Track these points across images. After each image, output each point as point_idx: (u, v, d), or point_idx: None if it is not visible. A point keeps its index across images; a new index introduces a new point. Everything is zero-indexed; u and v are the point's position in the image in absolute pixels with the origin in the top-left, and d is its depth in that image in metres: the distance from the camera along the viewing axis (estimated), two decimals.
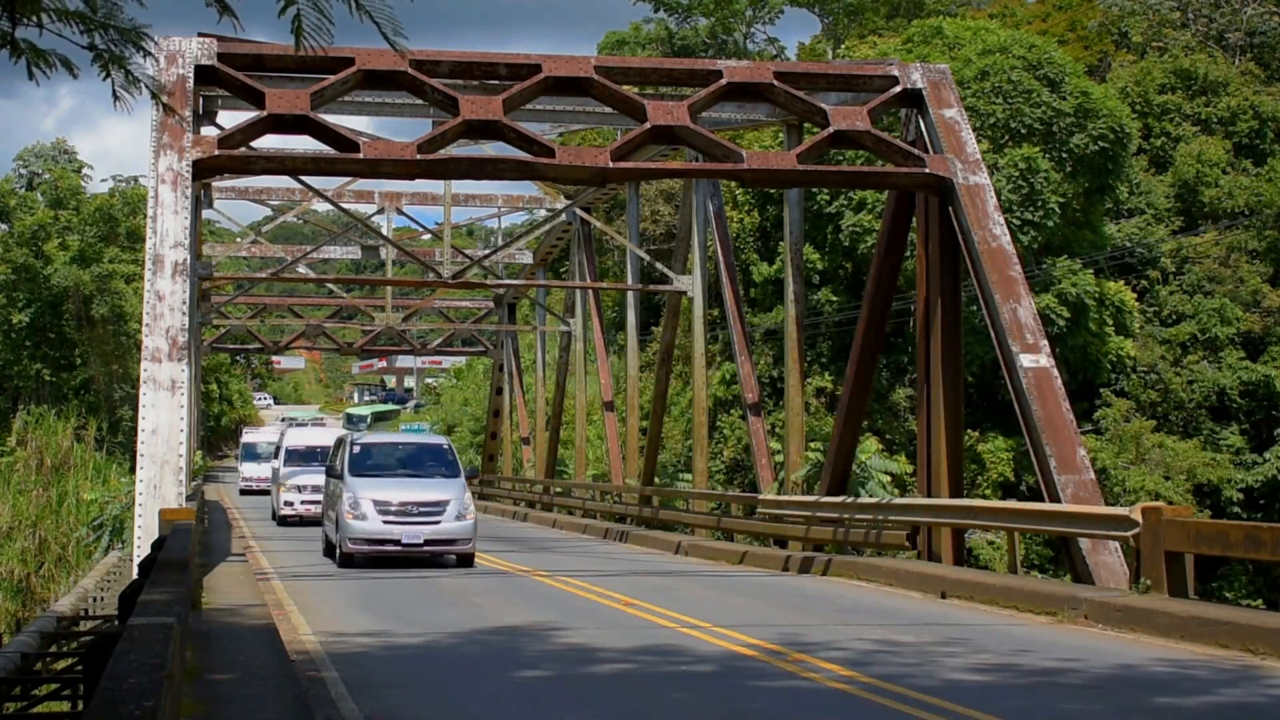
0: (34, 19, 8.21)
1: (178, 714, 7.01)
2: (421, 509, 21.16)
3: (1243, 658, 11.72)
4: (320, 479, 29.88)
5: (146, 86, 8.93)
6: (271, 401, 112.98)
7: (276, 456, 35.98)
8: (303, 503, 32.33)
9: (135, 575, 13.36)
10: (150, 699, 4.45)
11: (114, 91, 8.62)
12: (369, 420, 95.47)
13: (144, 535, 16.55)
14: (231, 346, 59.00)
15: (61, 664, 15.53)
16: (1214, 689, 10.51)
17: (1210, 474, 39.86)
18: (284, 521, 32.59)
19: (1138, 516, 14.50)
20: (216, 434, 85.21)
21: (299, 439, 36.10)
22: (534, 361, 48.97)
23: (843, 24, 64.98)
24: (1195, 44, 50.48)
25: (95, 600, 22.15)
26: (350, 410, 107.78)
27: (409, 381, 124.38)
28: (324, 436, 36.25)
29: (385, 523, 20.91)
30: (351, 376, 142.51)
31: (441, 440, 24.75)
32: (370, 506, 20.91)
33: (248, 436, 56.43)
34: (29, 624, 20.10)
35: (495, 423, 52.46)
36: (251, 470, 51.74)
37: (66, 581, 32.35)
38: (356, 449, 22.51)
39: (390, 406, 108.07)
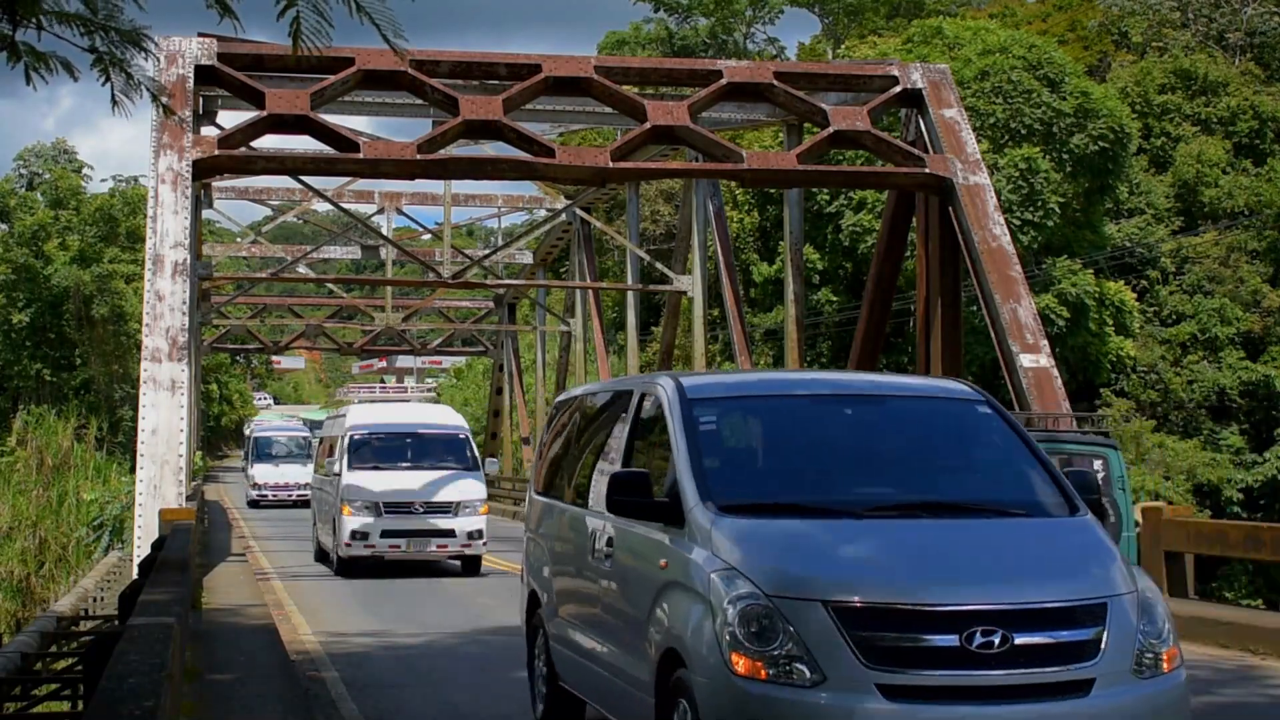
0: (34, 21, 8.16)
1: (178, 714, 7.01)
2: (1027, 638, 6.13)
3: (1243, 658, 11.71)
4: (422, 486, 20.11)
5: (147, 89, 8.89)
6: (272, 401, 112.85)
7: (330, 453, 22.15)
8: (386, 535, 19.64)
9: (135, 575, 13.35)
10: (150, 699, 4.45)
11: (113, 96, 8.58)
12: None
13: (144, 535, 16.53)
14: (231, 346, 58.89)
15: (61, 664, 15.51)
16: (1214, 689, 10.51)
17: (1210, 474, 39.83)
18: (350, 568, 19.96)
19: (1137, 516, 14.50)
20: (216, 434, 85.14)
21: (381, 420, 21.91)
22: (534, 361, 48.95)
23: (843, 24, 64.94)
24: (1195, 44, 50.46)
25: (95, 600, 22.12)
26: None
27: (409, 382, 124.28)
28: (425, 414, 23.44)
29: (895, 703, 5.94)
30: (351, 376, 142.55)
31: (964, 389, 8.02)
32: (844, 651, 6.01)
33: (260, 430, 46.99)
34: (29, 624, 20.09)
35: (495, 423, 52.43)
36: (266, 474, 42.73)
37: (66, 581, 32.26)
38: (708, 420, 7.49)
39: None
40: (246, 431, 58.70)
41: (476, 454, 21.38)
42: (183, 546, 12.96)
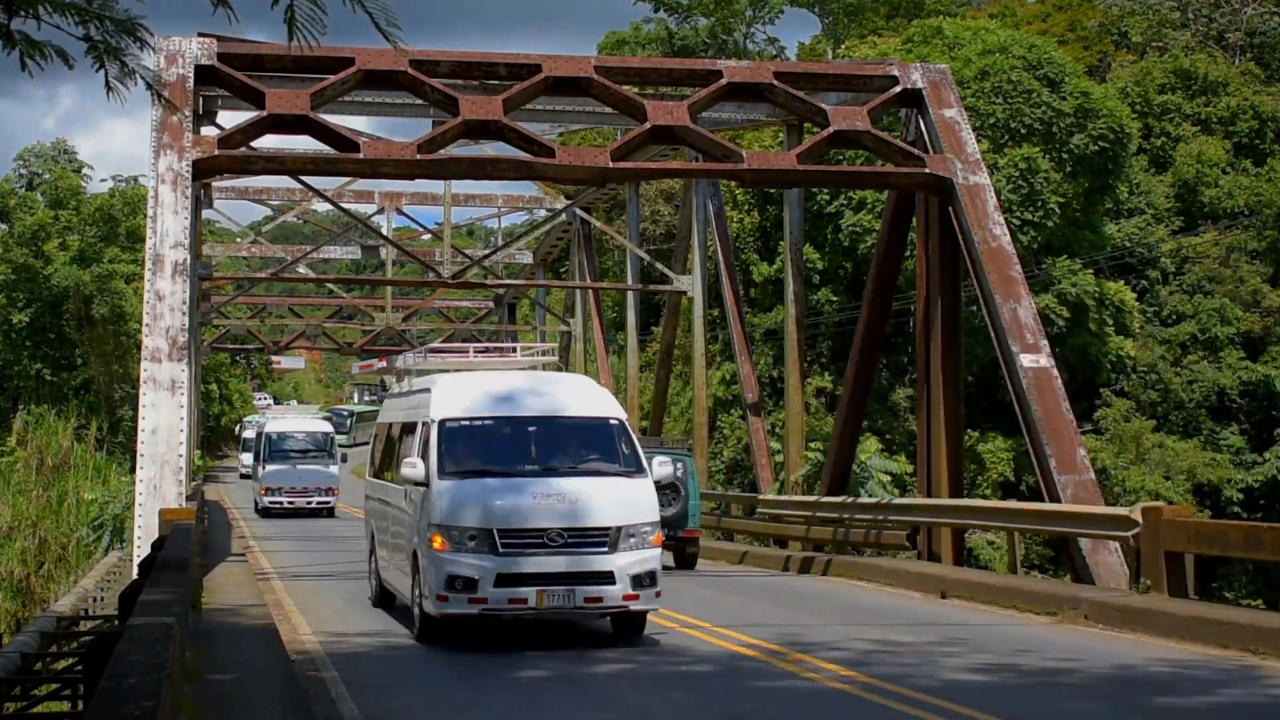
0: (30, 10, 8.18)
1: (178, 714, 7.00)
2: None
3: (1243, 658, 11.70)
4: (559, 504, 12.61)
5: (142, 77, 8.88)
6: (271, 401, 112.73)
7: (399, 448, 15.09)
8: (505, 582, 12.49)
9: (135, 575, 13.35)
10: (150, 699, 4.45)
11: (107, 83, 8.57)
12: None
13: (144, 535, 16.53)
14: (231, 346, 58.89)
15: (61, 664, 15.50)
16: (1214, 689, 10.50)
17: (1210, 474, 39.83)
18: (444, 633, 13.04)
19: (1138, 516, 14.50)
20: (216, 434, 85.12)
21: (487, 400, 13.98)
22: None
23: (843, 24, 64.91)
24: (1195, 44, 50.47)
25: (95, 600, 22.10)
26: None
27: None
28: (555, 389, 14.48)
29: None
30: (351, 376, 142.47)
31: None
32: None
33: (273, 425, 40.75)
34: (29, 624, 20.08)
35: None
36: (280, 477, 37.32)
37: (66, 581, 32.24)
38: None
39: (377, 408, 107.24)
40: (247, 434, 57.25)
41: (639, 450, 13.78)
42: (183, 546, 12.96)
